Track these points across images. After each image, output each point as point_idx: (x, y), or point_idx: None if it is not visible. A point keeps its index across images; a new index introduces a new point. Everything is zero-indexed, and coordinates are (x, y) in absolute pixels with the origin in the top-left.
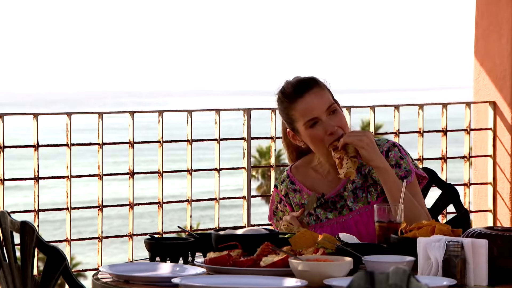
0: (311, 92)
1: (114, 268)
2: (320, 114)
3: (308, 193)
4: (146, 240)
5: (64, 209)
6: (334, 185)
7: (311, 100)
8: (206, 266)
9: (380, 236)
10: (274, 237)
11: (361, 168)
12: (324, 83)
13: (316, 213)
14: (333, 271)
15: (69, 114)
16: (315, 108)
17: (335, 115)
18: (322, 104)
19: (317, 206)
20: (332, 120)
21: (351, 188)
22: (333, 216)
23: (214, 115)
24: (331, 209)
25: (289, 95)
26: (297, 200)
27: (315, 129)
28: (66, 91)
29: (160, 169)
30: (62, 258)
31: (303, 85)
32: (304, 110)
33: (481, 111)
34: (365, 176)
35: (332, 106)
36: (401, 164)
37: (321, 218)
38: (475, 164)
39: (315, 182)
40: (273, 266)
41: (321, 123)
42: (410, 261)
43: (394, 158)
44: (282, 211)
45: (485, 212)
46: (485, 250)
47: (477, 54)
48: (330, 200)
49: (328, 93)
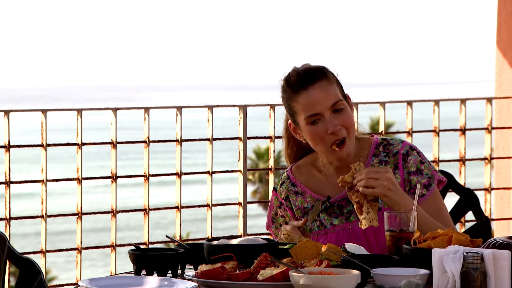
0: (316, 85)
1: (95, 282)
2: (323, 110)
3: (311, 196)
4: (131, 251)
5: (39, 216)
6: (340, 188)
7: (315, 94)
8: (197, 279)
9: (391, 247)
10: (273, 247)
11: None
12: (334, 75)
13: (319, 218)
14: (339, 285)
15: (44, 111)
16: (319, 103)
17: (341, 113)
18: (327, 99)
19: (321, 211)
20: (336, 119)
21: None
22: (339, 222)
23: (207, 112)
24: (337, 214)
25: (293, 85)
26: (299, 204)
27: (316, 126)
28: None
29: (147, 172)
30: (37, 272)
31: (309, 76)
32: (306, 104)
33: (503, 108)
34: None
35: (339, 103)
36: (422, 170)
37: (325, 224)
38: (497, 166)
39: (319, 184)
40: (272, 279)
41: (324, 120)
42: (424, 274)
43: (414, 164)
44: (282, 216)
45: (508, 220)
46: (507, 263)
47: (500, 44)
48: (336, 204)
49: (336, 87)
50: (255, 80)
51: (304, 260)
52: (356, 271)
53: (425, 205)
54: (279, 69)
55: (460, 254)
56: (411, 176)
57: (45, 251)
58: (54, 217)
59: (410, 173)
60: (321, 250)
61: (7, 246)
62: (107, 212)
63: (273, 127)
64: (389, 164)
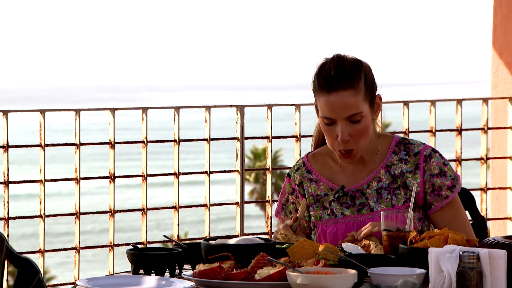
0: (340, 93)
1: (93, 282)
2: (338, 118)
3: (326, 184)
4: (129, 250)
5: (37, 216)
6: (356, 179)
7: (335, 101)
8: (195, 279)
9: (388, 246)
10: (270, 247)
11: (391, 167)
12: (365, 81)
13: (331, 207)
14: (336, 285)
15: (42, 111)
16: (335, 112)
17: (356, 124)
18: (344, 110)
19: (334, 200)
20: (349, 127)
21: (375, 186)
22: (350, 213)
23: (204, 112)
24: (349, 205)
25: (319, 83)
26: (312, 191)
27: (329, 128)
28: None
29: (144, 172)
30: (35, 271)
31: (336, 81)
32: (324, 107)
33: (499, 108)
34: (394, 177)
35: (356, 116)
36: (446, 172)
37: (336, 213)
38: (493, 166)
39: (334, 173)
40: (269, 279)
41: (337, 125)
42: (420, 273)
43: (437, 167)
44: (293, 203)
45: (504, 220)
46: (503, 262)
47: (495, 45)
48: (350, 194)
49: (362, 96)
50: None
51: (301, 260)
52: (353, 270)
53: (448, 207)
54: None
55: (456, 253)
56: (434, 178)
57: (43, 251)
58: (53, 216)
59: (433, 176)
60: (318, 249)
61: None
62: (105, 212)
63: (270, 127)
64: (409, 163)
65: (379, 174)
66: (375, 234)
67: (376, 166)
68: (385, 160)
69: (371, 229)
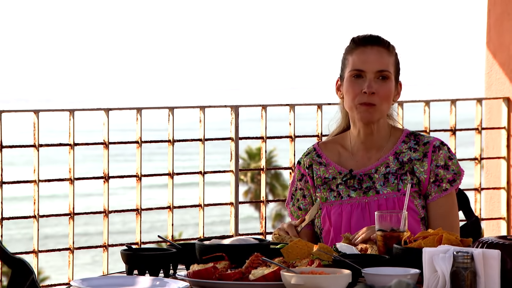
0: (375, 48)
1: (87, 282)
2: (368, 70)
3: (335, 167)
4: (123, 251)
5: (31, 217)
6: (364, 163)
7: (369, 53)
8: (189, 279)
9: (382, 247)
10: (264, 247)
11: (400, 154)
12: (396, 56)
13: (337, 189)
14: (330, 285)
15: (36, 111)
16: (368, 63)
17: (383, 82)
18: (376, 63)
19: (341, 183)
20: (376, 83)
21: (383, 171)
22: (356, 195)
23: (199, 112)
24: (355, 188)
25: (356, 40)
26: (321, 173)
27: (356, 81)
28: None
29: (139, 173)
30: (29, 272)
31: (372, 39)
32: (357, 59)
33: (493, 108)
34: (402, 164)
35: (386, 72)
36: (449, 166)
37: (343, 195)
38: (487, 166)
39: (343, 158)
40: (264, 279)
41: (364, 79)
42: (414, 273)
43: (443, 158)
44: (301, 189)
45: (497, 220)
46: (497, 262)
47: (490, 45)
48: (358, 178)
49: (392, 61)
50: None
51: (295, 260)
52: (347, 270)
53: (444, 199)
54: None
55: (450, 253)
56: (438, 169)
57: (37, 251)
58: (46, 217)
59: (438, 167)
60: (312, 249)
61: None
62: (99, 212)
63: (264, 128)
64: (418, 152)
65: (387, 160)
66: (373, 239)
67: (386, 153)
68: (395, 148)
69: (369, 234)
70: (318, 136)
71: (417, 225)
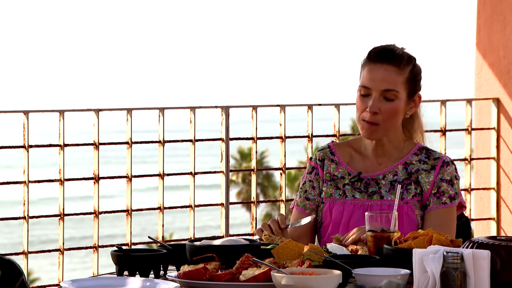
0: (384, 66)
1: (77, 283)
2: (374, 88)
3: (345, 168)
4: (113, 252)
5: (21, 218)
6: (374, 169)
7: (377, 71)
8: (180, 280)
9: (372, 247)
10: (255, 248)
11: (409, 165)
12: (412, 71)
13: (343, 189)
14: (320, 286)
15: (26, 112)
16: (373, 81)
17: (388, 102)
18: (381, 82)
19: (348, 183)
20: (380, 103)
21: (390, 178)
22: (360, 197)
23: (189, 113)
24: (361, 190)
25: (369, 55)
26: (331, 170)
27: (362, 99)
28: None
29: (129, 173)
30: (19, 273)
31: (384, 55)
32: (365, 76)
33: (483, 109)
34: (409, 174)
35: (391, 92)
36: (454, 184)
37: (348, 194)
38: (476, 167)
39: (353, 159)
40: (254, 280)
41: (370, 97)
42: (404, 274)
43: (450, 174)
44: (311, 181)
45: (487, 220)
46: (487, 262)
47: (479, 46)
48: (365, 181)
49: (401, 79)
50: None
51: (286, 261)
52: (337, 271)
53: (442, 212)
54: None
55: (440, 254)
56: (442, 182)
57: (27, 252)
58: (36, 218)
59: (443, 180)
60: (303, 250)
61: None
62: (89, 213)
63: (255, 129)
64: (427, 165)
65: (396, 169)
66: (363, 240)
67: (396, 161)
68: (405, 158)
69: (359, 235)
70: (309, 137)
71: None
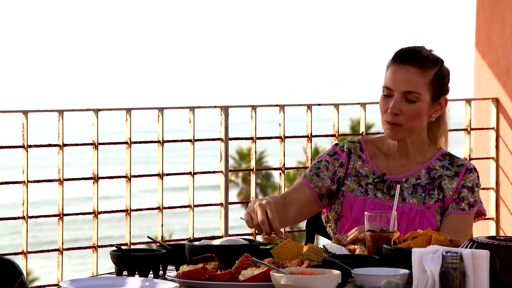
0: (407, 67)
1: (76, 283)
2: (396, 89)
3: (371, 167)
4: (112, 251)
5: (20, 218)
6: (397, 171)
7: (399, 73)
8: (179, 280)
9: (371, 247)
10: (254, 248)
11: (432, 170)
12: (437, 73)
13: (366, 187)
14: (320, 285)
15: (25, 112)
16: (395, 82)
17: (410, 104)
18: (403, 83)
19: (371, 183)
20: (402, 104)
21: (413, 182)
22: (382, 197)
23: (188, 113)
24: (383, 191)
25: (395, 56)
26: (358, 166)
27: (385, 100)
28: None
29: (128, 173)
30: (18, 273)
31: (409, 56)
32: (389, 77)
33: (482, 109)
34: (432, 179)
35: (413, 95)
36: (474, 191)
37: (369, 193)
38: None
39: (379, 160)
40: (253, 280)
41: (393, 98)
42: (403, 274)
43: (472, 181)
44: (327, 161)
45: (486, 220)
46: (486, 262)
47: (478, 46)
48: (388, 183)
49: (424, 81)
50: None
51: (285, 261)
52: (336, 271)
53: (459, 218)
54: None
55: (439, 254)
56: (464, 188)
57: (26, 252)
58: (36, 218)
59: (465, 187)
60: (302, 250)
61: None
62: (88, 213)
63: (254, 128)
64: (450, 171)
65: (419, 173)
66: (361, 239)
67: (419, 165)
68: (428, 163)
69: (357, 235)
70: (308, 137)
71: None
